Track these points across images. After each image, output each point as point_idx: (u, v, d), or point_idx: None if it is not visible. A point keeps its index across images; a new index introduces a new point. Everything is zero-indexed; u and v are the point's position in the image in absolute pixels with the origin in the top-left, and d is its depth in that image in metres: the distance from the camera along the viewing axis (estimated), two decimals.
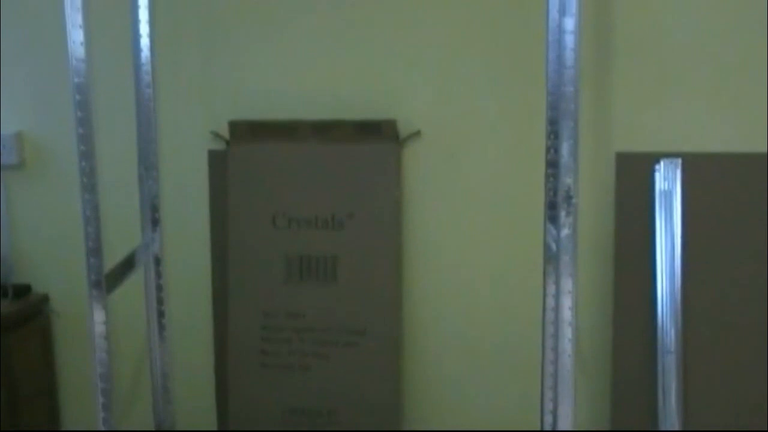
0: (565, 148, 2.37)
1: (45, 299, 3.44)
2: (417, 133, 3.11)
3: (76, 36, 2.45)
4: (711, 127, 2.99)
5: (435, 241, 3.19)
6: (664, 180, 2.93)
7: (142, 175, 3.10)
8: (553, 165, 2.79)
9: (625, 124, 3.03)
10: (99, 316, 2.60)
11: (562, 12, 2.32)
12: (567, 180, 2.36)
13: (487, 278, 3.17)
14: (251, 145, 3.17)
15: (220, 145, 3.22)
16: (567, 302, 2.41)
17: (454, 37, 3.09)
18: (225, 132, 3.20)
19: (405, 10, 3.10)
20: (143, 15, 2.99)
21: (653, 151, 2.96)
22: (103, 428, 2.63)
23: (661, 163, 2.92)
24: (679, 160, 2.91)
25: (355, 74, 3.15)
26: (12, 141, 3.35)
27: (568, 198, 2.37)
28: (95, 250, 2.57)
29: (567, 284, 2.40)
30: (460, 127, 3.12)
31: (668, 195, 2.91)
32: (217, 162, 3.22)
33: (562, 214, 2.38)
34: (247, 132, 3.17)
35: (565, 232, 2.38)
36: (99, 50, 3.05)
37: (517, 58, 3.05)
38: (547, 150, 2.82)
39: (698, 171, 2.92)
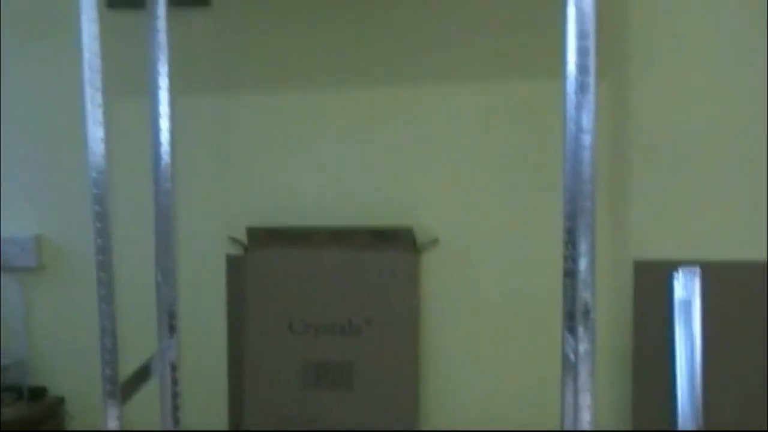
0: (582, 263, 2.36)
1: (60, 402, 3.42)
2: (434, 241, 3.12)
3: (96, 132, 2.48)
4: (730, 235, 2.99)
5: (452, 348, 3.17)
6: (683, 289, 2.91)
7: (160, 282, 3.10)
8: (570, 274, 2.77)
9: (642, 232, 3.03)
10: (113, 424, 2.58)
11: (579, 128, 2.33)
12: (585, 295, 2.35)
13: (505, 388, 3.14)
14: (269, 250, 3.18)
15: (237, 251, 3.23)
16: (586, 417, 2.38)
17: (471, 144, 3.11)
18: (243, 237, 3.21)
19: (421, 118, 3.14)
20: (164, 123, 3.02)
21: (671, 258, 2.95)
22: None
23: (680, 271, 2.90)
24: (698, 269, 2.89)
25: (372, 181, 3.17)
26: (31, 244, 3.37)
27: (586, 313, 2.35)
28: (111, 362, 2.56)
29: (585, 399, 2.37)
30: (477, 234, 3.12)
31: (687, 304, 2.88)
32: (235, 267, 3.23)
33: (580, 329, 2.36)
34: (265, 238, 3.18)
35: (583, 347, 2.36)
36: (118, 156, 3.09)
37: (534, 166, 3.06)
38: (565, 259, 2.81)
39: (718, 279, 2.90)
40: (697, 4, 3.00)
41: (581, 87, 2.33)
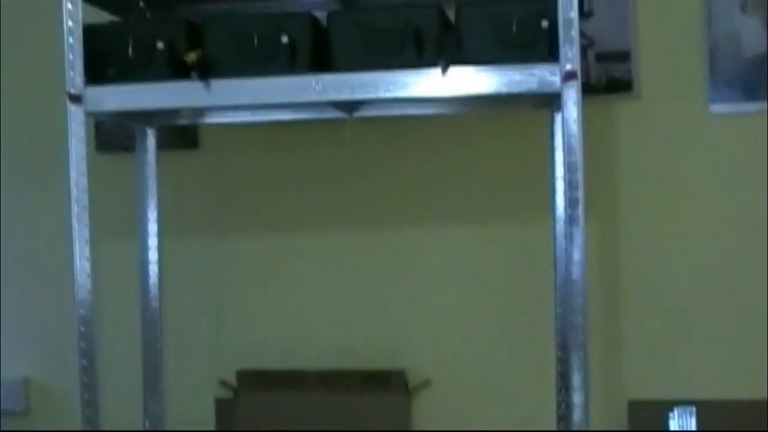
0: (576, 406, 2.34)
1: None
2: (426, 383, 3.08)
3: (83, 267, 2.49)
4: (726, 373, 2.96)
5: None
6: (679, 429, 2.87)
7: (148, 429, 3.05)
8: (564, 419, 2.74)
9: (637, 371, 3.01)
10: None
11: (570, 260, 2.34)
12: None
13: None
14: (259, 394, 3.14)
15: (227, 394, 3.19)
16: None
17: (462, 285, 3.11)
18: (233, 380, 3.17)
19: (413, 260, 3.14)
20: (153, 269, 3.01)
21: (667, 398, 2.92)
22: None
23: (675, 411, 2.88)
24: (694, 408, 2.86)
25: (363, 323, 3.16)
26: (16, 387, 3.32)
27: None
28: None
29: None
30: (470, 375, 3.10)
31: None
32: (225, 411, 3.18)
33: None
34: (255, 381, 3.14)
35: None
36: (106, 297, 3.06)
37: (526, 306, 3.06)
38: (558, 404, 2.77)
39: (714, 418, 2.86)
40: (687, 140, 3.05)
41: (571, 219, 2.35)
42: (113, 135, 3.27)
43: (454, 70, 2.37)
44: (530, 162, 3.05)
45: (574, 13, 2.32)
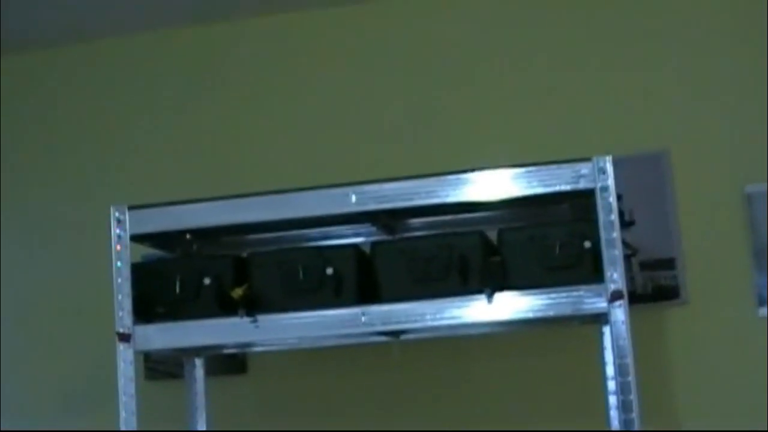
0: None
1: None
2: None
3: None
4: None
5: None
6: None
7: None
8: None
9: None
10: None
11: None
12: None
13: None
14: None
15: None
16: None
17: None
18: None
19: None
20: None
21: None
22: None
23: None
24: None
25: None
26: None
27: None
28: None
29: None
30: None
31: None
32: None
33: None
34: None
35: None
36: None
37: None
38: None
39: None
40: (737, 344, 3.02)
41: (625, 424, 2.28)
42: (162, 362, 3.29)
43: (500, 296, 2.36)
44: (579, 375, 3.02)
45: (617, 233, 2.32)
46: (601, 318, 2.51)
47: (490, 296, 2.35)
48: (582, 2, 3.33)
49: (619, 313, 2.30)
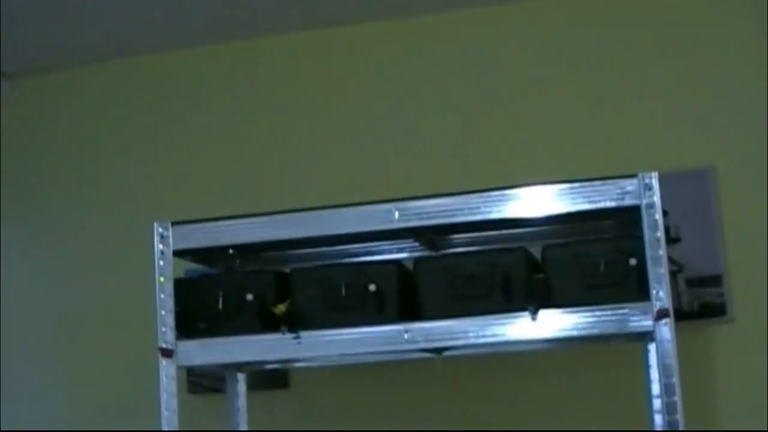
0: None
1: None
2: None
3: None
4: None
5: None
6: None
7: None
8: None
9: None
10: None
11: None
12: None
13: None
14: None
15: None
16: None
17: None
18: None
19: None
20: None
21: None
22: None
23: None
24: None
25: None
26: None
27: None
28: None
29: None
30: None
31: None
32: None
33: None
34: None
35: None
36: None
37: None
38: None
39: None
40: None
41: None
42: (205, 377, 3.30)
43: (543, 313, 2.33)
44: (622, 393, 2.99)
45: (663, 251, 2.29)
46: (647, 336, 2.47)
47: (533, 314, 2.33)
48: (629, 21, 3.32)
49: (665, 331, 2.26)
